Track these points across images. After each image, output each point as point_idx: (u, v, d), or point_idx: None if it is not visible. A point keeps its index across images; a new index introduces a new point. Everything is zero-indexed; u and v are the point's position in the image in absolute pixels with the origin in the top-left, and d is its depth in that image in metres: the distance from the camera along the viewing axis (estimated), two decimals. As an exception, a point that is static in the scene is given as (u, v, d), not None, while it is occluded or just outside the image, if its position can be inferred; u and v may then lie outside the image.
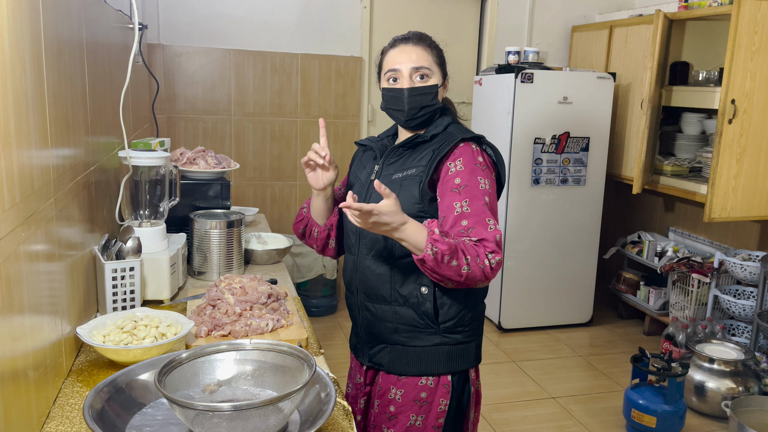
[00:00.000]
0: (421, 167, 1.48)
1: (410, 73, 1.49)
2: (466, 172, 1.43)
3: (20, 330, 1.02)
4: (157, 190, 1.88)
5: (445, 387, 1.54)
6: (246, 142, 4.13)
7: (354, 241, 1.59)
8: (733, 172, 3.20)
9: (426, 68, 1.49)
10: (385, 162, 1.56)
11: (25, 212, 1.04)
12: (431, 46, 1.53)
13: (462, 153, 1.46)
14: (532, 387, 3.35)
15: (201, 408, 0.97)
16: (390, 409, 1.56)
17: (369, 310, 1.57)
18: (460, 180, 1.43)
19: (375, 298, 1.55)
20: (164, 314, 1.47)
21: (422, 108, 1.50)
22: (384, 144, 1.63)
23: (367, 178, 1.59)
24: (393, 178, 1.51)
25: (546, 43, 4.58)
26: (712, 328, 3.35)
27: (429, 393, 1.53)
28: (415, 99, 1.49)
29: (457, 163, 1.45)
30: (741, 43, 3.05)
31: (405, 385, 1.54)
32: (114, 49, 2.01)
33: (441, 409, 1.54)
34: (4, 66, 0.95)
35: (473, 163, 1.45)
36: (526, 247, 3.97)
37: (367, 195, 1.56)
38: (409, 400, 1.54)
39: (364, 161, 1.65)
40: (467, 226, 1.39)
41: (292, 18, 4.08)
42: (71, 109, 1.39)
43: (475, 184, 1.43)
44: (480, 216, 1.40)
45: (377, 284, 1.53)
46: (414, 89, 1.49)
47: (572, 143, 3.91)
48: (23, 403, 1.02)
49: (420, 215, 1.46)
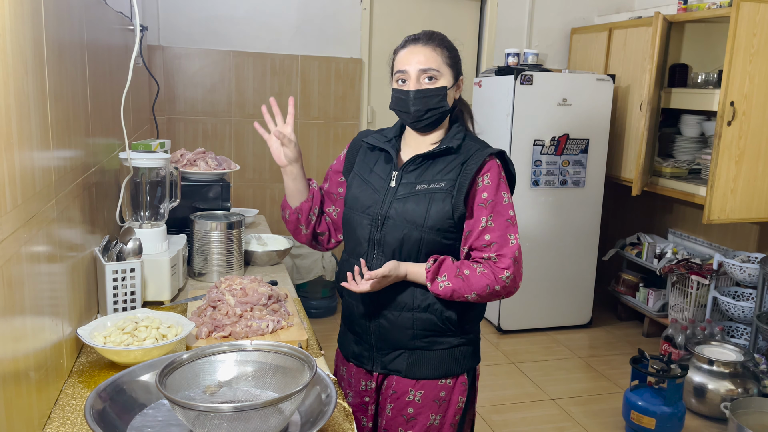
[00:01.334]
0: (450, 181, 1.47)
1: (418, 75, 1.47)
2: (493, 188, 1.47)
3: (22, 331, 1.02)
4: (157, 191, 1.88)
5: (463, 384, 1.56)
6: (246, 144, 4.13)
7: (367, 248, 1.52)
8: (732, 174, 3.20)
9: (434, 70, 1.48)
10: (404, 170, 1.52)
11: (27, 214, 1.05)
12: (442, 46, 1.51)
13: (489, 168, 1.48)
14: (532, 388, 3.35)
15: (202, 409, 0.98)
16: (408, 411, 1.54)
17: (386, 318, 1.53)
18: (487, 195, 1.46)
19: (394, 306, 1.51)
20: (165, 315, 1.47)
21: (428, 110, 1.48)
22: (395, 146, 1.57)
23: (383, 184, 1.53)
24: (417, 189, 1.48)
25: (545, 45, 4.59)
26: (711, 330, 3.35)
27: (448, 392, 1.55)
28: (420, 101, 1.47)
29: (485, 178, 1.47)
30: (740, 46, 3.06)
31: (425, 386, 1.54)
32: (114, 51, 2.02)
33: (459, 406, 1.56)
34: (6, 67, 0.95)
35: (499, 179, 1.48)
36: (525, 248, 3.97)
37: (385, 203, 1.50)
38: (429, 401, 1.54)
39: (370, 162, 1.58)
40: (490, 240, 1.45)
41: (291, 19, 4.09)
42: (72, 111, 1.40)
43: (500, 199, 1.47)
44: (503, 231, 1.45)
45: (398, 293, 1.50)
46: (420, 91, 1.47)
47: (571, 145, 3.92)
48: (24, 404, 1.03)
49: (449, 230, 1.48)
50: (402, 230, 1.47)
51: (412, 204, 1.47)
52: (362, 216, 1.53)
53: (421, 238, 1.47)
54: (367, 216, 1.52)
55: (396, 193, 1.50)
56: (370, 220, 1.51)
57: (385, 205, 1.50)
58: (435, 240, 1.47)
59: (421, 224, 1.46)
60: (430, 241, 1.47)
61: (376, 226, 1.50)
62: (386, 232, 1.49)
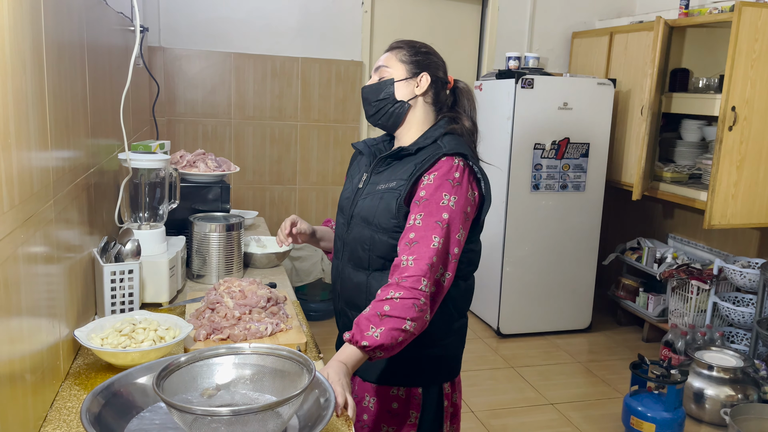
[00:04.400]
0: (402, 181, 1.44)
1: (373, 75, 1.53)
2: (433, 187, 1.39)
3: (18, 333, 1.01)
4: (156, 192, 1.87)
5: (416, 399, 1.51)
6: (245, 146, 4.13)
7: (339, 247, 1.58)
8: (733, 179, 3.20)
9: (383, 66, 1.51)
10: (374, 170, 1.54)
11: (24, 214, 1.04)
12: (405, 47, 1.52)
13: (439, 167, 1.41)
14: (531, 393, 3.34)
15: (199, 412, 0.97)
16: (363, 417, 1.54)
17: (347, 316, 1.56)
18: (424, 193, 1.39)
19: (352, 305, 1.54)
20: (163, 317, 1.46)
21: (373, 103, 1.51)
22: (379, 149, 1.62)
23: (356, 186, 1.58)
24: (377, 189, 1.49)
25: (546, 48, 4.59)
26: (711, 335, 3.34)
27: (400, 404, 1.52)
28: (367, 95, 1.52)
29: (430, 177, 1.40)
30: (741, 51, 3.06)
31: (378, 394, 1.52)
32: (115, 52, 2.01)
33: (411, 421, 1.52)
34: (4, 66, 0.95)
35: (445, 178, 1.39)
36: (525, 252, 3.96)
37: (354, 202, 1.54)
38: (382, 411, 1.52)
39: (360, 165, 1.63)
40: (413, 239, 1.35)
41: (292, 22, 4.08)
42: (71, 111, 1.39)
43: (436, 199, 1.37)
44: (428, 231, 1.35)
45: (355, 292, 1.52)
46: (365, 86, 1.53)
47: (572, 149, 3.91)
48: (20, 406, 1.02)
49: (395, 230, 1.43)
50: (359, 229, 1.50)
51: (368, 202, 1.49)
52: (340, 215, 1.60)
53: (371, 236, 1.47)
54: (342, 215, 1.58)
55: (362, 192, 1.54)
56: (343, 219, 1.57)
57: (353, 204, 1.54)
58: (383, 240, 1.45)
59: (371, 222, 1.47)
60: (379, 241, 1.46)
61: (347, 225, 1.55)
62: (351, 230, 1.53)
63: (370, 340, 1.26)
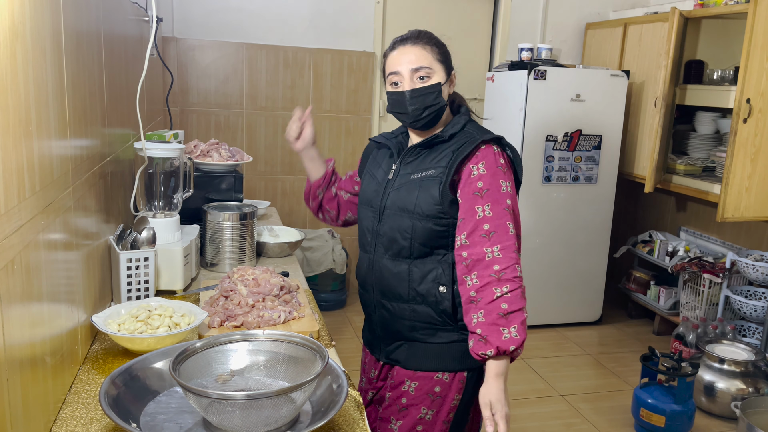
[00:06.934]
0: (441, 168, 1.48)
1: (411, 75, 1.48)
2: (489, 176, 1.44)
3: (38, 317, 1.03)
4: (171, 181, 1.89)
5: (461, 383, 1.55)
6: (258, 136, 4.14)
7: (370, 240, 1.59)
8: (747, 172, 3.18)
9: (426, 68, 1.48)
10: (402, 161, 1.56)
11: (45, 201, 1.06)
12: (430, 43, 1.51)
13: (484, 156, 1.45)
14: (541, 384, 3.35)
15: (215, 396, 0.99)
16: (402, 401, 1.57)
17: (386, 308, 1.58)
18: (482, 183, 1.43)
19: (392, 296, 1.55)
20: (178, 304, 1.49)
21: (426, 108, 1.49)
22: (400, 141, 1.62)
23: (384, 177, 1.59)
24: (412, 178, 1.52)
25: (559, 40, 4.56)
26: (722, 329, 3.33)
27: (443, 387, 1.54)
28: (416, 100, 1.48)
29: (479, 165, 1.45)
30: (757, 42, 3.03)
31: (420, 378, 1.55)
32: (130, 42, 2.03)
33: (454, 404, 1.55)
34: (26, 55, 0.96)
35: (495, 166, 1.45)
36: (536, 244, 3.96)
37: (384, 195, 1.56)
38: (422, 393, 1.55)
39: (379, 159, 1.65)
40: (489, 230, 1.41)
41: (305, 12, 4.09)
42: (89, 100, 1.41)
43: (497, 188, 1.43)
44: (502, 220, 1.42)
45: (395, 283, 1.54)
46: (415, 90, 1.48)
47: (584, 141, 3.90)
48: (41, 388, 1.04)
49: (439, 216, 1.47)
50: (396, 219, 1.52)
51: (404, 192, 1.51)
52: (367, 209, 1.60)
53: (412, 225, 1.49)
54: (371, 208, 1.59)
55: (394, 184, 1.55)
56: (372, 213, 1.58)
57: (384, 196, 1.56)
58: (426, 227, 1.48)
59: (411, 210, 1.49)
60: (421, 228, 1.48)
61: (377, 217, 1.56)
62: (384, 222, 1.54)
63: (513, 342, 1.34)
